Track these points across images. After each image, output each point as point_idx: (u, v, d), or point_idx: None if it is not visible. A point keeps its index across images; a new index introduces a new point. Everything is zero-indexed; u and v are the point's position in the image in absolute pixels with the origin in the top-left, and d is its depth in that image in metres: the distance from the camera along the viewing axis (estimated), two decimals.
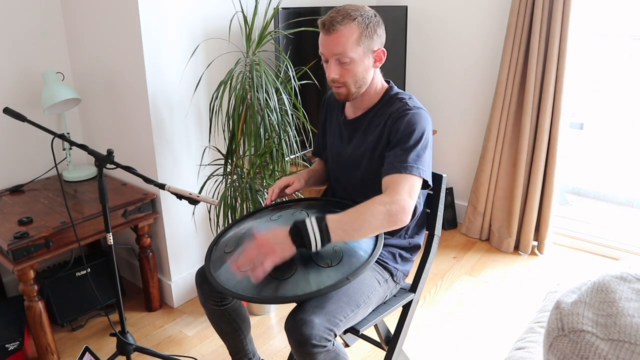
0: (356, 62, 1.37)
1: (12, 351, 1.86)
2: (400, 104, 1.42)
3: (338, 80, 1.39)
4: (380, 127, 1.43)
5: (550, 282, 2.52)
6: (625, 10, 2.52)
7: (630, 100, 2.72)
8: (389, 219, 1.26)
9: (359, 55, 1.36)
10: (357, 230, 1.25)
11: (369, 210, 1.26)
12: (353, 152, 1.50)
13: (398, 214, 1.26)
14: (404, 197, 1.28)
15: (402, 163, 1.33)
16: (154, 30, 1.95)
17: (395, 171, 1.32)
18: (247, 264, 1.23)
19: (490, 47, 2.78)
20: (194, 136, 2.21)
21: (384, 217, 1.25)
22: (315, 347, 1.23)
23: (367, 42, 1.37)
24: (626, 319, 0.68)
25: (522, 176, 2.66)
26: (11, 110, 1.67)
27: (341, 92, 1.43)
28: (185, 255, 2.33)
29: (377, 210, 1.25)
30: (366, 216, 1.25)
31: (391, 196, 1.28)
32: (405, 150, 1.34)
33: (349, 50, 1.34)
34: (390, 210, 1.26)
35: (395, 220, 1.27)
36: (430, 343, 2.08)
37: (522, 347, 1.22)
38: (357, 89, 1.42)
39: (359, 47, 1.35)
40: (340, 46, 1.34)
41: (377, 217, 1.25)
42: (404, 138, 1.36)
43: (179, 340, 2.12)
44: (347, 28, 1.33)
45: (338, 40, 1.34)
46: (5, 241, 1.70)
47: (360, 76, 1.40)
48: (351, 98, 1.44)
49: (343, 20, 1.33)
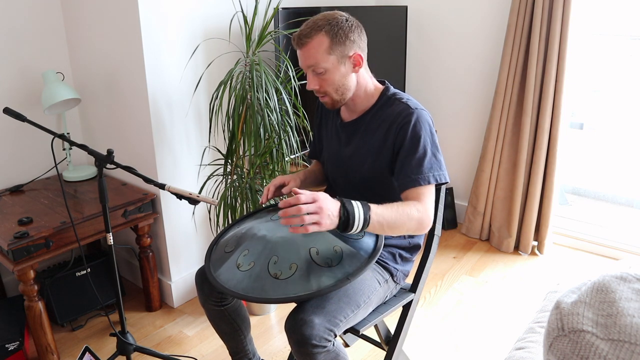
0: (331, 71, 1.37)
1: (12, 351, 1.86)
2: (401, 106, 1.42)
3: (319, 90, 1.41)
4: (383, 129, 1.43)
5: (550, 282, 2.52)
6: (625, 10, 2.52)
7: (630, 100, 2.72)
8: (418, 226, 1.32)
9: (332, 64, 1.36)
10: (392, 228, 1.29)
11: (406, 213, 1.30)
12: (353, 153, 1.50)
13: (425, 223, 1.33)
14: (430, 208, 1.35)
15: (419, 175, 1.35)
16: (154, 30, 1.95)
17: (415, 184, 1.35)
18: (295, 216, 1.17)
19: (490, 47, 2.78)
20: (194, 136, 2.21)
21: (416, 223, 1.31)
22: (316, 347, 1.23)
23: (339, 49, 1.36)
24: (626, 319, 0.68)
25: (522, 176, 2.66)
26: (11, 110, 1.67)
27: (326, 102, 1.45)
28: (185, 255, 2.33)
29: (413, 215, 1.30)
30: (404, 218, 1.29)
31: (422, 205, 1.33)
32: (419, 159, 1.36)
33: (321, 61, 1.35)
34: (421, 218, 1.32)
35: (423, 228, 1.34)
36: (430, 343, 2.08)
37: (522, 347, 1.22)
38: (341, 96, 1.42)
39: (330, 56, 1.35)
40: (311, 58, 1.35)
41: (411, 222, 1.31)
42: (413, 147, 1.37)
43: (179, 340, 2.12)
44: (315, 40, 1.34)
45: (309, 53, 1.35)
46: (5, 241, 1.70)
47: (340, 84, 1.40)
48: (337, 105, 1.46)
49: (310, 33, 1.34)
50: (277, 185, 1.57)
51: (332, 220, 1.19)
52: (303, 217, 1.16)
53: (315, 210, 1.17)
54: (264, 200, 1.55)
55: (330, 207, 1.19)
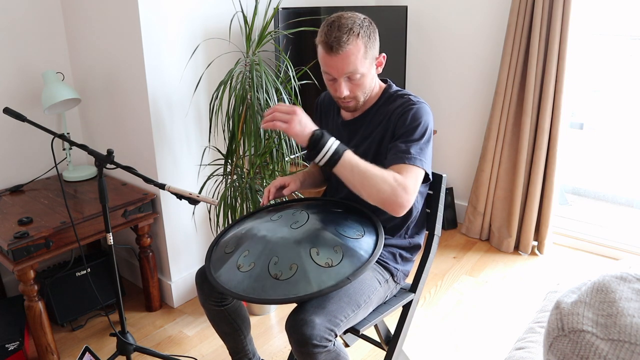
0: (365, 76, 1.38)
1: (12, 351, 1.86)
2: (403, 99, 1.43)
3: (349, 96, 1.40)
4: (384, 122, 1.44)
5: (550, 282, 2.52)
6: (625, 10, 2.52)
7: (630, 100, 2.72)
8: (391, 193, 1.27)
9: (367, 68, 1.37)
10: (361, 177, 1.27)
11: (382, 174, 1.28)
12: (355, 151, 1.50)
13: (400, 196, 1.28)
14: (410, 187, 1.30)
15: (406, 154, 1.34)
16: (154, 30, 1.95)
17: (400, 161, 1.33)
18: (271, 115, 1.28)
19: (490, 47, 2.78)
20: (194, 136, 2.21)
21: (389, 188, 1.27)
22: (316, 347, 1.23)
23: (371, 52, 1.37)
24: (626, 319, 0.68)
25: (522, 176, 2.66)
26: (11, 110, 1.67)
27: (350, 106, 1.44)
28: (185, 255, 2.33)
29: (388, 180, 1.27)
30: (377, 178, 1.27)
31: (403, 180, 1.29)
32: (410, 142, 1.35)
33: (360, 67, 1.34)
34: (396, 189, 1.28)
35: (393, 201, 1.28)
36: (430, 343, 2.08)
37: (522, 347, 1.22)
38: (365, 98, 1.44)
39: (366, 61, 1.36)
40: (351, 65, 1.33)
41: (384, 185, 1.27)
42: (409, 131, 1.37)
43: (179, 340, 2.12)
44: (353, 46, 1.32)
45: (348, 60, 1.33)
46: (5, 241, 1.70)
47: (369, 87, 1.42)
48: (359, 107, 1.46)
49: (349, 39, 1.31)
50: (278, 186, 1.58)
51: (302, 129, 1.26)
52: (274, 115, 1.26)
53: (288, 112, 1.26)
54: (265, 201, 1.56)
55: (304, 119, 1.27)
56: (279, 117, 1.26)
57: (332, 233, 1.32)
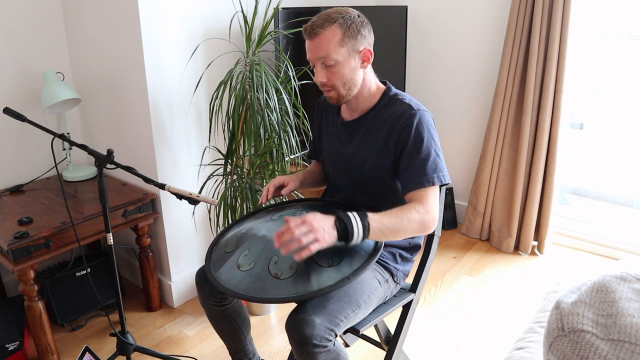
0: (341, 64, 1.37)
1: (12, 351, 1.86)
2: (403, 106, 1.42)
3: (326, 83, 1.40)
4: (385, 130, 1.43)
5: (550, 282, 2.52)
6: (625, 10, 2.52)
7: (630, 100, 2.72)
8: (421, 227, 1.33)
9: (344, 57, 1.36)
10: (393, 232, 1.30)
11: (406, 217, 1.31)
12: (355, 153, 1.50)
13: (429, 223, 1.34)
14: (434, 207, 1.36)
15: (424, 176, 1.36)
16: (154, 30, 1.95)
17: (420, 186, 1.36)
18: (291, 242, 1.19)
19: (490, 47, 2.78)
20: (194, 136, 2.21)
21: (417, 225, 1.32)
22: (316, 347, 1.23)
23: (351, 42, 1.36)
24: (626, 319, 0.68)
25: (522, 176, 2.66)
26: (11, 110, 1.67)
27: (332, 96, 1.43)
28: (185, 255, 2.33)
29: (413, 217, 1.31)
30: (404, 222, 1.30)
31: (424, 207, 1.34)
32: (422, 161, 1.36)
33: (332, 53, 1.35)
34: (423, 219, 1.32)
35: (426, 229, 1.34)
36: (430, 343, 2.08)
37: (522, 347, 1.22)
38: (347, 91, 1.42)
39: (342, 49, 1.35)
40: (322, 49, 1.35)
41: (413, 224, 1.31)
42: (416, 148, 1.37)
43: (179, 340, 2.12)
44: (328, 31, 1.33)
45: (320, 44, 1.34)
46: (5, 241, 1.70)
47: (348, 78, 1.39)
48: (343, 101, 1.44)
49: (324, 24, 1.34)
50: (277, 185, 1.58)
51: (330, 233, 1.22)
52: (300, 240, 1.18)
53: (309, 230, 1.19)
54: (263, 200, 1.55)
55: (322, 223, 1.21)
56: (306, 241, 1.18)
57: None
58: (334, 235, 1.22)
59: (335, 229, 1.23)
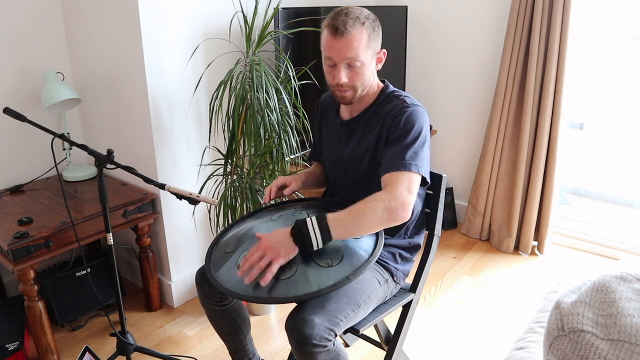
0: (366, 66, 1.38)
1: (12, 351, 1.86)
2: (397, 102, 1.43)
3: (347, 83, 1.39)
4: (379, 125, 1.44)
5: (550, 282, 2.52)
6: (625, 10, 2.52)
7: (630, 100, 2.72)
8: (389, 215, 1.27)
9: (368, 59, 1.38)
10: (357, 227, 1.27)
11: (368, 207, 1.27)
12: (353, 152, 1.50)
13: (397, 209, 1.27)
14: (403, 192, 1.29)
15: (400, 160, 1.33)
16: (154, 30, 1.95)
17: (393, 169, 1.33)
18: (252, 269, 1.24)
19: (490, 47, 2.78)
20: (194, 136, 2.21)
21: (383, 213, 1.26)
22: (316, 347, 1.23)
23: (374, 45, 1.39)
24: (626, 319, 0.68)
25: (522, 176, 2.66)
26: (11, 110, 1.67)
27: (347, 96, 1.42)
28: (185, 255, 2.33)
29: (376, 206, 1.26)
30: (366, 213, 1.26)
31: (389, 192, 1.29)
32: (403, 147, 1.35)
33: (361, 54, 1.35)
34: (389, 206, 1.27)
35: (395, 216, 1.28)
36: (430, 343, 2.08)
37: (522, 347, 1.22)
38: (362, 91, 1.43)
39: (368, 50, 1.37)
40: (353, 50, 1.34)
41: (377, 214, 1.26)
42: (402, 136, 1.37)
43: (179, 340, 2.12)
44: (358, 32, 1.34)
45: (351, 45, 1.34)
46: (5, 241, 1.70)
47: (368, 78, 1.41)
48: (355, 100, 1.45)
49: (355, 24, 1.34)
50: (279, 185, 1.58)
51: (288, 246, 1.24)
52: (259, 265, 1.22)
53: (261, 254, 1.23)
54: (266, 200, 1.56)
55: (276, 238, 1.25)
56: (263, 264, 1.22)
57: None
58: (292, 247, 1.24)
59: (292, 239, 1.24)
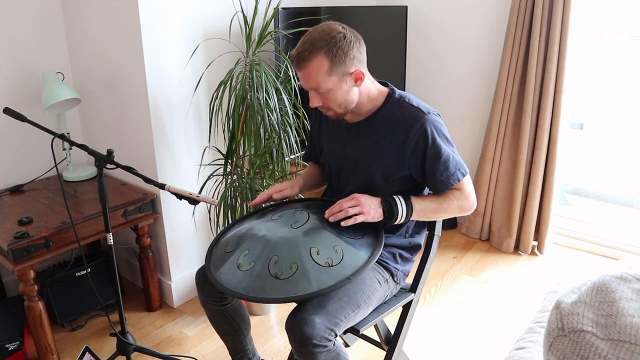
0: (334, 91, 1.36)
1: (12, 351, 1.86)
2: (412, 110, 1.41)
3: (322, 107, 1.42)
4: (398, 136, 1.41)
5: (550, 282, 2.52)
6: (625, 10, 2.52)
7: (630, 100, 2.72)
8: (460, 210, 1.45)
9: (334, 84, 1.35)
10: (434, 213, 1.44)
11: (446, 202, 1.43)
12: (360, 154, 1.49)
13: (468, 207, 1.46)
14: (469, 193, 1.46)
15: (450, 177, 1.41)
16: (154, 30, 1.95)
17: (448, 186, 1.43)
18: (339, 212, 1.34)
19: (490, 47, 2.78)
20: (194, 136, 2.21)
21: (457, 208, 1.44)
22: (316, 347, 1.23)
23: (340, 68, 1.33)
24: (626, 319, 0.68)
25: (522, 176, 2.66)
26: (11, 110, 1.67)
27: (330, 115, 1.45)
28: (185, 255, 2.33)
29: (453, 203, 1.43)
30: (444, 205, 1.43)
31: (462, 194, 1.45)
32: (444, 164, 1.40)
33: (323, 83, 1.34)
34: (462, 204, 1.44)
35: (466, 210, 1.47)
36: (430, 343, 2.08)
37: (522, 347, 1.22)
38: (344, 109, 1.42)
39: (331, 77, 1.33)
40: (312, 81, 1.34)
41: (453, 208, 1.44)
42: (436, 154, 1.40)
43: (179, 340, 2.12)
44: (314, 62, 1.31)
45: (309, 76, 1.34)
46: (5, 241, 1.70)
47: (342, 100, 1.39)
48: (342, 117, 1.46)
49: (310, 56, 1.31)
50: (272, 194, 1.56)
51: (376, 210, 1.36)
52: (347, 210, 1.34)
53: (355, 204, 1.35)
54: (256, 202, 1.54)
55: (368, 200, 1.37)
56: (352, 212, 1.34)
57: (332, 233, 1.32)
58: (379, 212, 1.37)
59: (381, 207, 1.37)
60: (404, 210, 1.38)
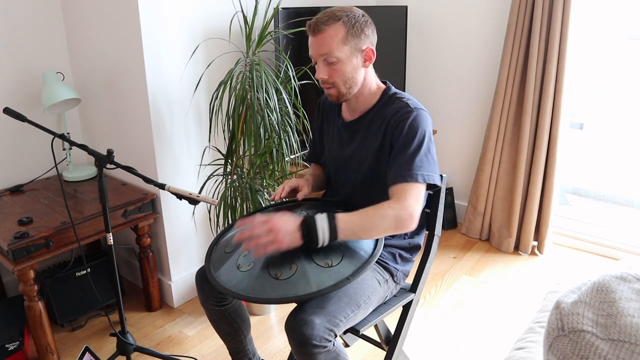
0: (343, 62, 1.37)
1: (12, 351, 1.86)
2: (399, 104, 1.42)
3: (327, 80, 1.40)
4: (382, 129, 1.42)
5: (550, 282, 2.52)
6: (625, 10, 2.52)
7: (630, 100, 2.72)
8: (397, 224, 1.30)
9: (346, 55, 1.36)
10: (364, 231, 1.29)
11: (378, 214, 1.29)
12: (354, 154, 1.50)
13: (406, 220, 1.30)
14: (412, 204, 1.31)
15: (408, 171, 1.33)
16: (154, 30, 1.95)
17: (402, 180, 1.33)
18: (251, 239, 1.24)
19: (490, 47, 2.78)
20: (194, 136, 2.21)
21: (392, 221, 1.29)
22: (316, 348, 1.23)
23: (354, 41, 1.36)
24: (626, 319, 0.68)
25: (522, 176, 2.66)
26: (11, 110, 1.67)
27: (332, 93, 1.43)
28: (185, 255, 2.33)
29: (386, 214, 1.29)
30: (375, 219, 1.29)
31: (400, 203, 1.31)
32: (409, 157, 1.35)
33: (335, 50, 1.35)
34: (399, 215, 1.29)
35: (402, 226, 1.31)
36: (430, 343, 2.08)
37: (522, 347, 1.22)
38: (348, 89, 1.41)
39: (345, 47, 1.35)
40: (325, 46, 1.35)
41: (386, 221, 1.29)
42: (406, 143, 1.36)
43: (179, 340, 2.12)
44: (332, 28, 1.34)
45: (323, 41, 1.35)
46: (5, 241, 1.70)
47: (349, 76, 1.39)
48: (342, 99, 1.44)
49: (328, 21, 1.34)
50: (292, 187, 1.57)
51: (293, 236, 1.23)
52: (258, 242, 1.22)
53: (269, 229, 1.22)
54: (277, 197, 1.54)
55: (286, 225, 1.23)
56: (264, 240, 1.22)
57: None
58: (296, 238, 1.24)
59: (299, 231, 1.24)
60: (325, 234, 1.24)
